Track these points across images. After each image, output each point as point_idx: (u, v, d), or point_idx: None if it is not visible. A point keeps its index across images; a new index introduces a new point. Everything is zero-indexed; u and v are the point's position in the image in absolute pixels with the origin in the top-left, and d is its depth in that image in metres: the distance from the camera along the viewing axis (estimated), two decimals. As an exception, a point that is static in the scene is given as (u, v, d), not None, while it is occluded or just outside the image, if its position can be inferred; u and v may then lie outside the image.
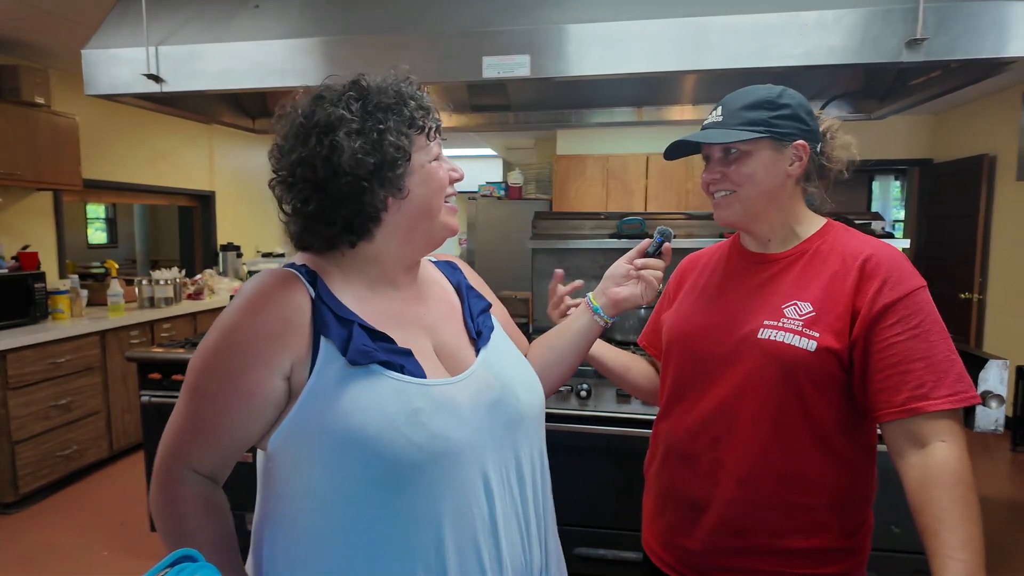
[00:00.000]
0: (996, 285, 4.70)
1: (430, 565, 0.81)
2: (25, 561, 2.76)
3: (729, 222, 1.10)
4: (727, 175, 1.06)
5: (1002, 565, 2.76)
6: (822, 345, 0.98)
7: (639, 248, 1.15)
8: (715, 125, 1.07)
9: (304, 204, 0.86)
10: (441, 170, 0.92)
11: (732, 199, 1.07)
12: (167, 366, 2.55)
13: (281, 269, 0.88)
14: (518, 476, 0.91)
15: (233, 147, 5.81)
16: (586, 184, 5.64)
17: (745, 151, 1.04)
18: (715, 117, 1.07)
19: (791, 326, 1.01)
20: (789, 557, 1.03)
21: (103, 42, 2.22)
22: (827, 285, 1.02)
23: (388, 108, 0.86)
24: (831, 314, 1.00)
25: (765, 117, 1.03)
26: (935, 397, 0.93)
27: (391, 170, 0.85)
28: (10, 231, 3.81)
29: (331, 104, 0.85)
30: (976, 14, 1.73)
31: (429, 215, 0.90)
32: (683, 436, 1.13)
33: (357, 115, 0.84)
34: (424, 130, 0.89)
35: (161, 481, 0.85)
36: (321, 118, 0.84)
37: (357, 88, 0.87)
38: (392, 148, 0.84)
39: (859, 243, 1.05)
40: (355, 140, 0.83)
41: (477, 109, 2.92)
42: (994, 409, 1.91)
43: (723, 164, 1.07)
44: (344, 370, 0.81)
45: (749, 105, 1.04)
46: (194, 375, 0.84)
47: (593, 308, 1.13)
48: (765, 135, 1.03)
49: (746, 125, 1.03)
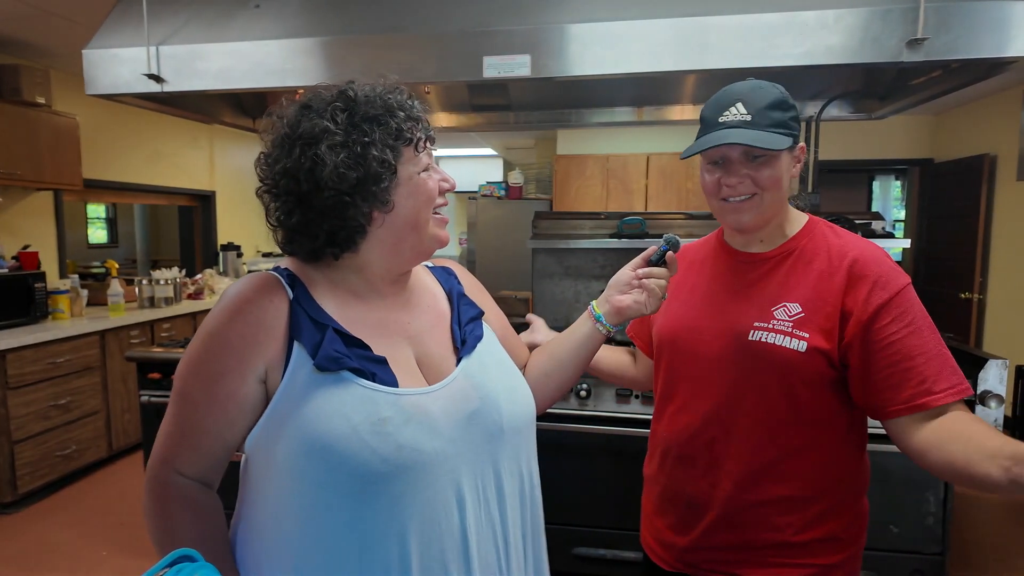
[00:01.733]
0: (996, 285, 4.70)
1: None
2: (24, 560, 2.76)
3: (749, 226, 1.07)
4: (755, 179, 1.02)
5: (1001, 565, 2.76)
6: (812, 345, 0.99)
7: (644, 255, 1.09)
8: (744, 124, 1.00)
9: (287, 216, 0.86)
10: (431, 181, 0.89)
11: (754, 202, 1.04)
12: (167, 366, 2.55)
13: (263, 273, 0.88)
14: (497, 491, 0.89)
15: (233, 147, 5.81)
16: (586, 184, 5.64)
17: (774, 154, 1.02)
18: (740, 115, 1.01)
19: (781, 327, 1.02)
20: (788, 550, 1.05)
21: (104, 42, 2.22)
22: (814, 285, 1.03)
23: (375, 119, 0.84)
24: (820, 314, 1.01)
25: (785, 119, 1.02)
26: (937, 391, 0.94)
27: (375, 184, 0.83)
28: (10, 231, 3.81)
29: (317, 115, 0.83)
30: (976, 14, 1.73)
31: (416, 228, 0.88)
32: (679, 437, 1.13)
33: (342, 127, 0.83)
34: (412, 142, 0.87)
35: (150, 486, 0.86)
36: (305, 129, 0.83)
37: (344, 98, 0.85)
38: (376, 162, 0.82)
39: (843, 242, 1.05)
40: (338, 153, 0.81)
41: (477, 109, 2.92)
42: (993, 409, 1.92)
43: (748, 167, 1.03)
44: (313, 375, 0.81)
45: (772, 105, 1.01)
46: (179, 380, 0.84)
47: (596, 316, 1.08)
48: (792, 139, 1.02)
49: (775, 127, 1.00)
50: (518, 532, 0.92)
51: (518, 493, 0.93)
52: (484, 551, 0.86)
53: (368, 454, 0.77)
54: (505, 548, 0.89)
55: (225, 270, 5.46)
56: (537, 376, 1.08)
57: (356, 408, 0.79)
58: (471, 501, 0.85)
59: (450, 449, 0.83)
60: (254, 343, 0.81)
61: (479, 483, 0.86)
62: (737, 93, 1.03)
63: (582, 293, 3.12)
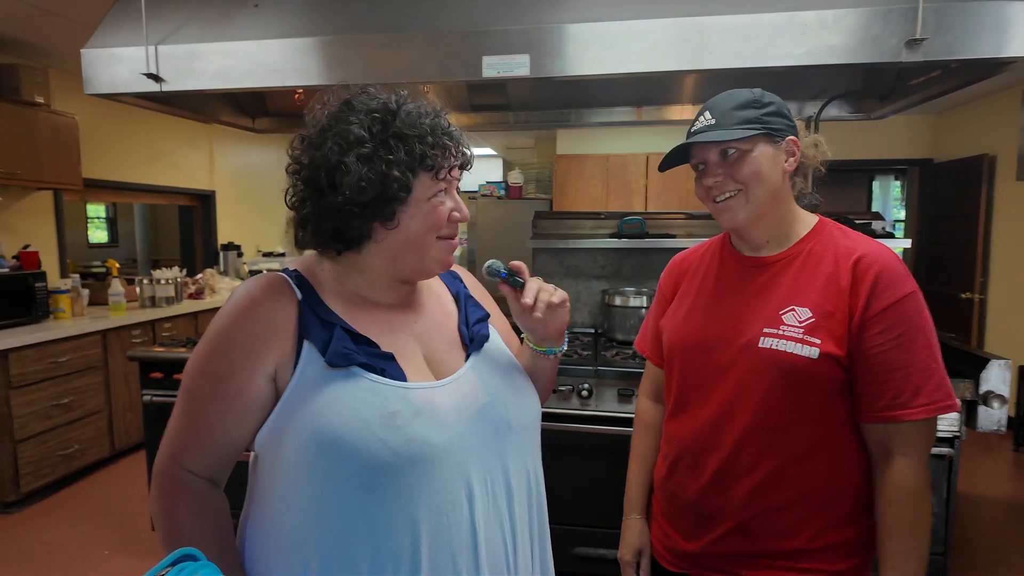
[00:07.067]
0: (997, 285, 4.70)
1: (403, 571, 0.80)
2: (26, 560, 2.76)
3: (738, 223, 1.07)
4: (731, 175, 1.04)
5: (1002, 565, 2.76)
6: (824, 352, 0.99)
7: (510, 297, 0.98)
8: (708, 128, 1.05)
9: (301, 204, 0.88)
10: (442, 207, 0.88)
11: (740, 199, 1.05)
12: (168, 365, 2.56)
13: (272, 274, 0.89)
14: (505, 487, 0.90)
15: (233, 146, 5.82)
16: (586, 184, 5.64)
17: (745, 150, 1.03)
18: (706, 121, 1.06)
19: (792, 334, 1.01)
20: (800, 557, 1.04)
21: (102, 41, 2.22)
22: (824, 288, 1.02)
23: (404, 139, 0.84)
24: (831, 319, 1.00)
25: (757, 115, 1.03)
26: (912, 407, 0.96)
27: (388, 203, 0.84)
28: (11, 230, 3.82)
29: (356, 117, 0.84)
30: (976, 14, 1.73)
31: (417, 249, 0.88)
32: (689, 443, 1.12)
33: (375, 140, 0.84)
34: (433, 168, 0.87)
35: (158, 482, 0.86)
36: (341, 130, 0.84)
37: (386, 110, 0.86)
38: (395, 183, 0.83)
39: (852, 242, 1.05)
40: (363, 166, 0.82)
41: (477, 108, 2.93)
42: (996, 409, 1.91)
43: (723, 166, 1.05)
44: (323, 372, 0.82)
45: (738, 106, 1.04)
46: (187, 378, 0.85)
47: (530, 346, 1.03)
48: (762, 131, 1.03)
49: (740, 124, 1.03)
50: (525, 529, 0.93)
51: (525, 490, 0.93)
52: (492, 545, 0.87)
53: (379, 446, 0.78)
54: (513, 544, 0.90)
55: (225, 270, 5.46)
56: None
57: (366, 402, 0.80)
58: (480, 495, 0.86)
59: (459, 443, 0.84)
60: (263, 341, 0.82)
61: (488, 478, 0.87)
62: (707, 105, 1.08)
63: (582, 293, 3.12)
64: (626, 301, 2.78)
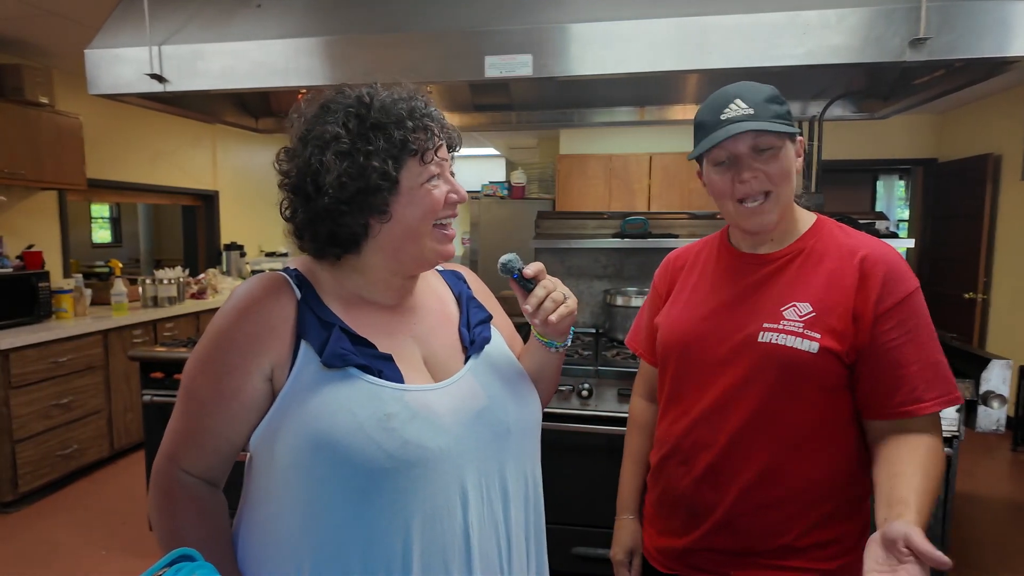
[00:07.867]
0: (1000, 285, 4.69)
1: (394, 574, 0.79)
2: (25, 560, 2.76)
3: (768, 227, 1.04)
4: (768, 174, 1.00)
5: (1000, 565, 2.75)
6: (824, 346, 0.98)
7: (519, 293, 0.96)
8: (749, 118, 0.98)
9: (292, 213, 0.88)
10: (436, 191, 0.86)
11: (771, 203, 1.01)
12: (169, 365, 2.56)
13: (272, 273, 0.88)
14: (502, 492, 0.89)
15: (236, 147, 5.82)
16: (589, 184, 5.63)
17: (778, 147, 1.00)
18: (742, 109, 0.99)
19: (792, 328, 1.00)
20: (793, 554, 1.03)
21: (106, 42, 2.23)
22: (825, 284, 1.01)
23: (382, 128, 0.83)
24: (832, 314, 0.99)
25: (783, 112, 1.01)
26: (927, 400, 0.96)
27: (373, 195, 0.83)
28: (14, 230, 3.82)
29: (332, 117, 0.84)
30: (979, 13, 1.72)
31: (415, 238, 0.87)
32: (682, 439, 1.12)
33: (351, 135, 0.82)
34: (418, 152, 0.85)
35: (156, 481, 0.86)
36: (318, 132, 0.83)
37: (360, 103, 0.84)
38: (377, 174, 0.81)
39: (854, 240, 1.04)
40: (342, 162, 0.81)
41: (480, 109, 2.93)
42: (996, 409, 1.91)
43: (758, 161, 1.00)
44: (320, 372, 0.81)
45: (769, 99, 1.01)
46: (186, 377, 0.85)
47: (538, 339, 1.01)
48: (793, 130, 1.01)
49: (777, 119, 0.99)
50: (521, 533, 0.92)
51: (523, 495, 0.92)
52: (486, 550, 0.86)
53: (373, 449, 0.77)
54: (508, 548, 0.89)
55: (228, 270, 5.47)
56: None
57: (362, 404, 0.79)
58: (475, 500, 0.85)
59: (456, 447, 0.83)
60: (261, 341, 0.82)
61: (484, 482, 0.86)
62: (733, 91, 1.02)
63: (585, 293, 3.12)
64: (628, 301, 2.78)
